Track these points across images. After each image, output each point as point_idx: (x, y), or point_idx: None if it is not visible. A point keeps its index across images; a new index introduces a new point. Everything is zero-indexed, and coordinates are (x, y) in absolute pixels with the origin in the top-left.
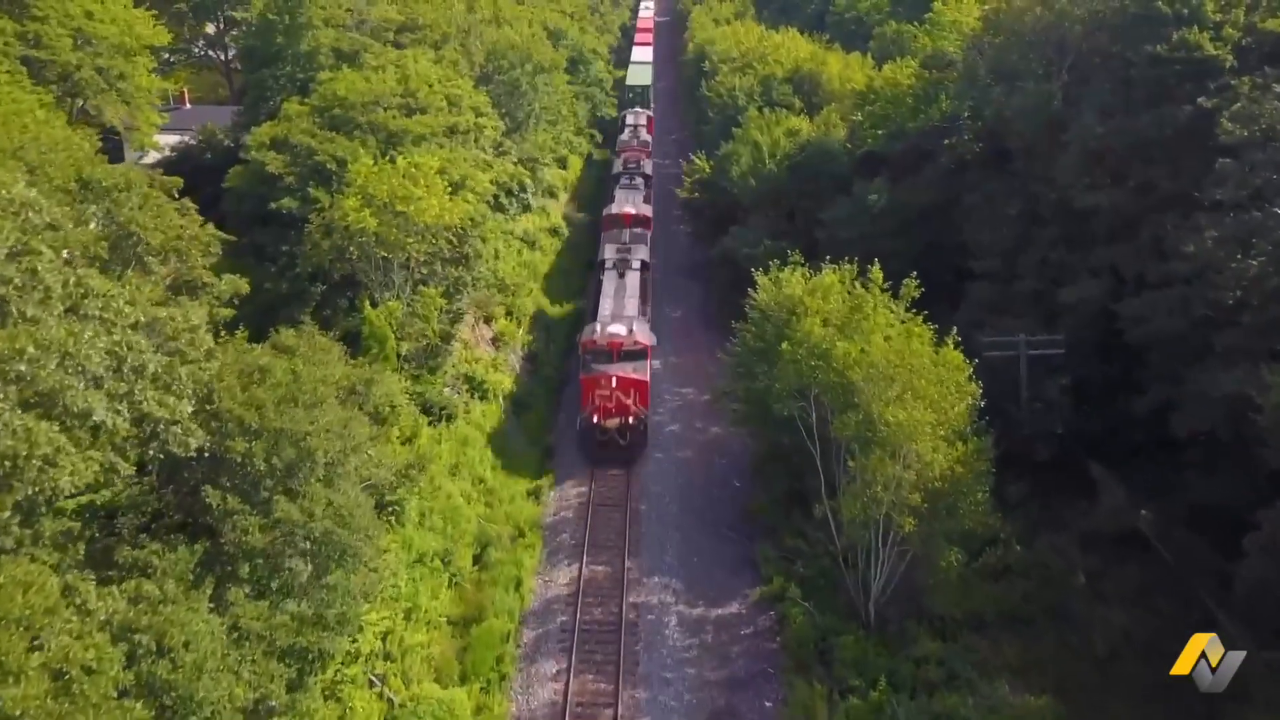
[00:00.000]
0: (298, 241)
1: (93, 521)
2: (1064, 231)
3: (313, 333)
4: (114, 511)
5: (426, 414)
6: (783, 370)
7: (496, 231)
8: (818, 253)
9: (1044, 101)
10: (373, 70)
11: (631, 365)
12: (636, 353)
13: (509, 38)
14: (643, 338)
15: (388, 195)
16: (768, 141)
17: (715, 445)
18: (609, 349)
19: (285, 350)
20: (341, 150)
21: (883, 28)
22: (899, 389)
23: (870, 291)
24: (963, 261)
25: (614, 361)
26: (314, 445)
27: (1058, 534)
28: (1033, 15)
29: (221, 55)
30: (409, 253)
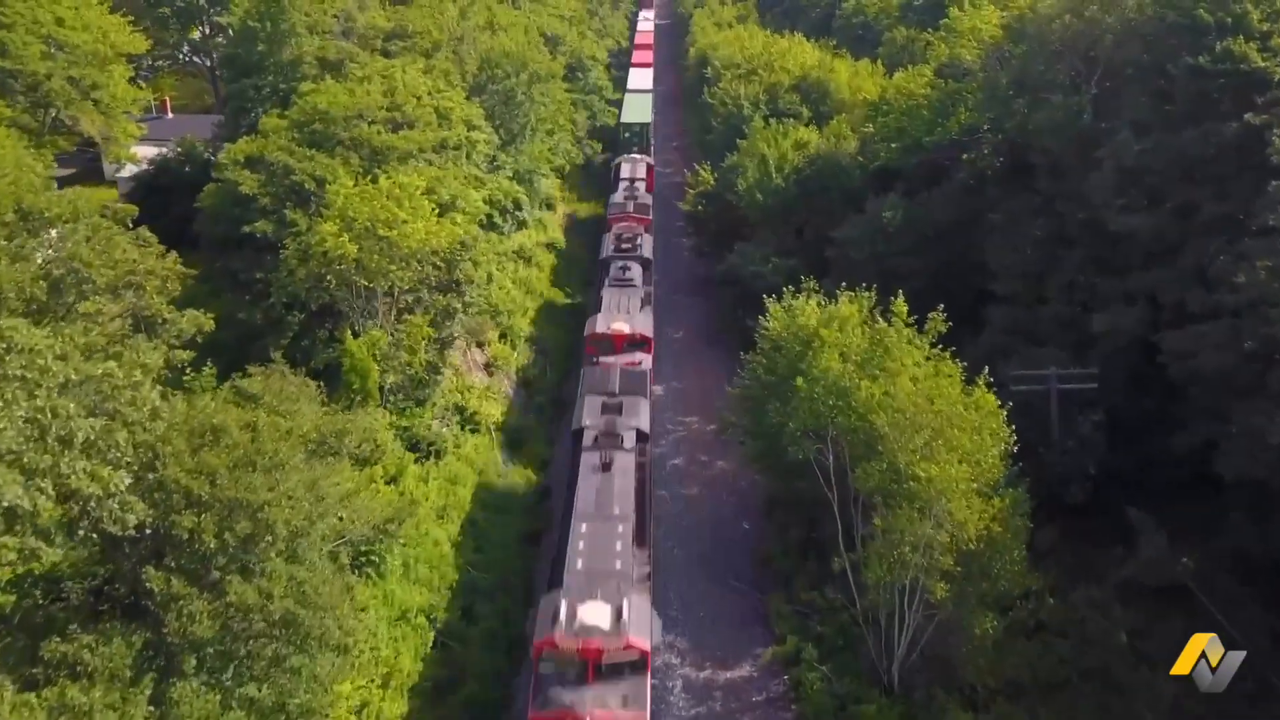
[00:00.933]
0: (273, 268)
1: (33, 589)
2: (1094, 253)
3: (283, 373)
4: (58, 578)
5: (413, 451)
6: (797, 408)
7: (489, 253)
8: (828, 272)
9: (1073, 115)
10: (357, 81)
11: None
12: None
13: (503, 45)
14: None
15: (369, 219)
16: (775, 154)
17: (722, 481)
18: None
19: (248, 399)
20: (321, 169)
21: (892, 33)
22: (927, 436)
23: (893, 326)
24: (983, 283)
25: None
26: (273, 516)
27: (1093, 585)
28: (1061, 23)
29: (207, 62)
30: (392, 281)
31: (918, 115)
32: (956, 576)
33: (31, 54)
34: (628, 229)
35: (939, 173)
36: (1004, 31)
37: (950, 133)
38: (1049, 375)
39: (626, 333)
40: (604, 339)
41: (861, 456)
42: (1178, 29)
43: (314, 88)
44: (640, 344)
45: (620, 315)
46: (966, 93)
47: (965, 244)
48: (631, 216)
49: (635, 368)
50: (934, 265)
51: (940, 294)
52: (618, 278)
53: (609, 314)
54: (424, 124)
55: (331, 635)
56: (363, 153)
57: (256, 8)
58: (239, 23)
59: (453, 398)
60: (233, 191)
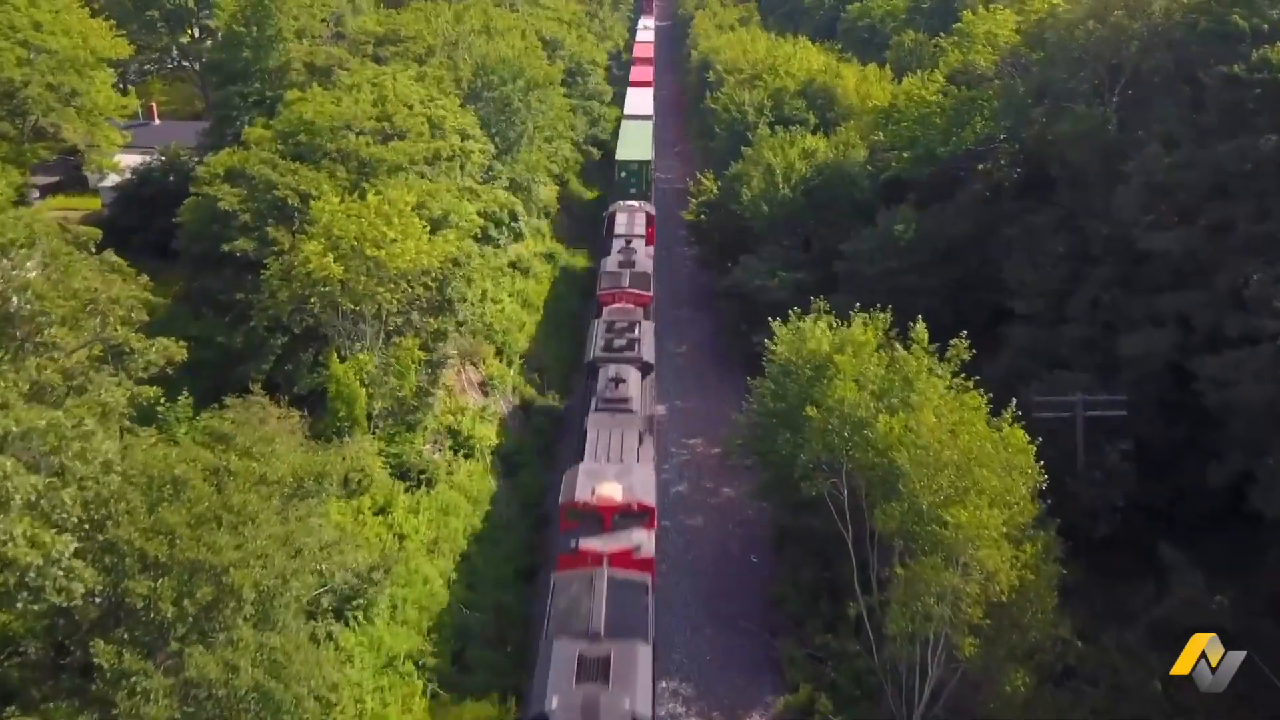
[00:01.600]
0: (254, 289)
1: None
2: (1119, 272)
3: (262, 404)
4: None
5: (403, 479)
6: (809, 440)
7: (484, 268)
8: (837, 287)
9: (1097, 125)
10: (345, 90)
11: None
12: None
13: (499, 51)
14: None
15: (356, 237)
16: (781, 164)
17: (729, 510)
18: None
19: (220, 439)
20: (305, 183)
21: (900, 37)
22: (953, 476)
23: (913, 354)
24: (1000, 300)
25: None
26: (240, 580)
27: (1124, 627)
28: (1084, 30)
29: (196, 66)
30: (380, 304)
31: (930, 124)
32: (986, 630)
33: (7, 60)
34: (622, 315)
35: (952, 184)
36: (1022, 37)
37: (965, 143)
38: (1075, 401)
39: (618, 502)
40: (586, 512)
41: (880, 495)
42: (1210, 36)
43: (300, 96)
44: (638, 516)
45: (610, 469)
46: (982, 101)
47: (980, 259)
48: (627, 294)
49: (631, 576)
50: (948, 281)
51: (954, 311)
52: (609, 399)
53: (594, 467)
54: (415, 134)
55: (307, 707)
56: (350, 165)
57: (242, 12)
58: (224, 28)
59: (445, 420)
60: (211, 207)
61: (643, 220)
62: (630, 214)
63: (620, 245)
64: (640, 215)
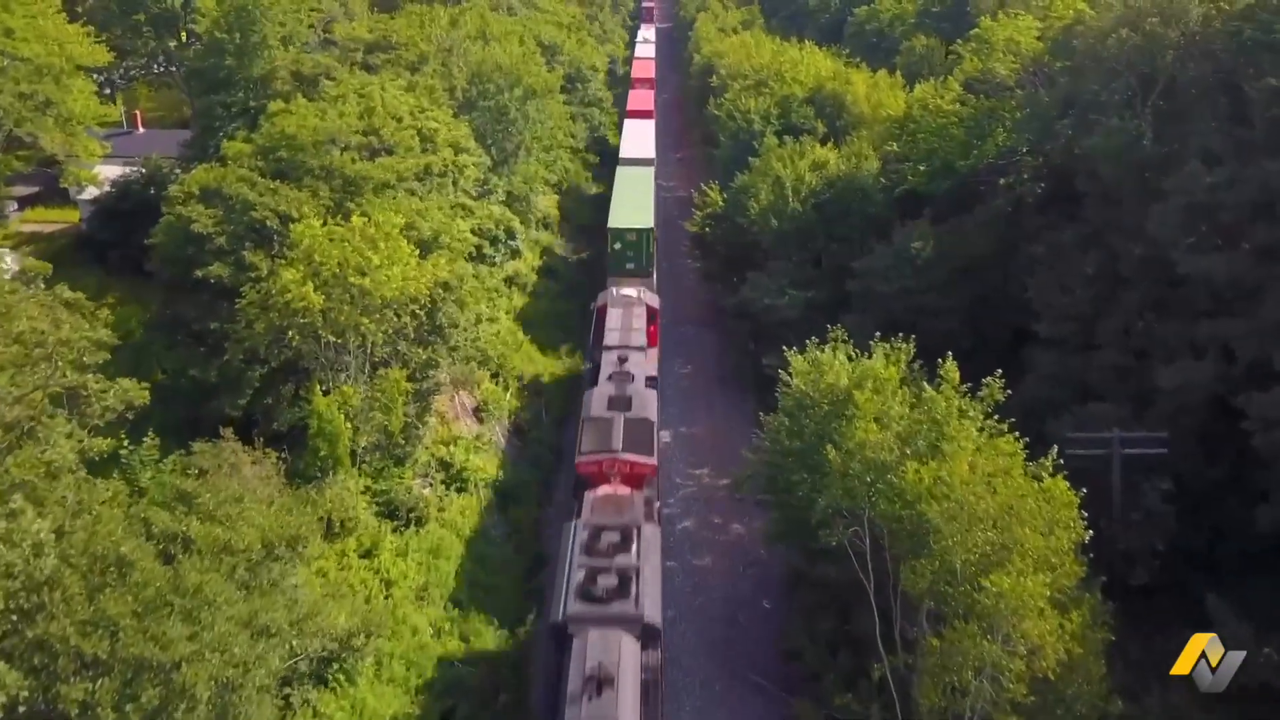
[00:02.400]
0: (230, 318)
1: None
2: (1153, 295)
3: (235, 450)
4: None
5: (390, 518)
6: (828, 484)
7: (478, 290)
8: (850, 306)
9: (1131, 139)
10: (330, 101)
11: None
12: None
13: (495, 58)
14: None
15: (338, 264)
16: (791, 176)
17: (739, 549)
18: None
19: (182, 499)
20: (285, 204)
21: (911, 42)
22: (990, 532)
23: (942, 393)
24: (1022, 322)
25: None
26: (191, 678)
27: (1167, 686)
28: (1117, 38)
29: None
30: (365, 336)
31: (948, 135)
32: (1030, 708)
33: None
34: (610, 509)
35: (971, 198)
36: (1046, 45)
37: (986, 156)
38: (1112, 439)
39: None
40: None
41: (908, 549)
42: (1256, 46)
43: (283, 108)
44: None
45: None
46: (1003, 111)
47: (1002, 277)
48: (618, 461)
49: None
50: (967, 301)
51: (974, 332)
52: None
53: None
54: (405, 149)
55: None
56: (334, 184)
57: (225, 18)
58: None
59: (437, 451)
60: (185, 229)
61: (642, 318)
62: (626, 309)
63: (612, 364)
64: (639, 311)
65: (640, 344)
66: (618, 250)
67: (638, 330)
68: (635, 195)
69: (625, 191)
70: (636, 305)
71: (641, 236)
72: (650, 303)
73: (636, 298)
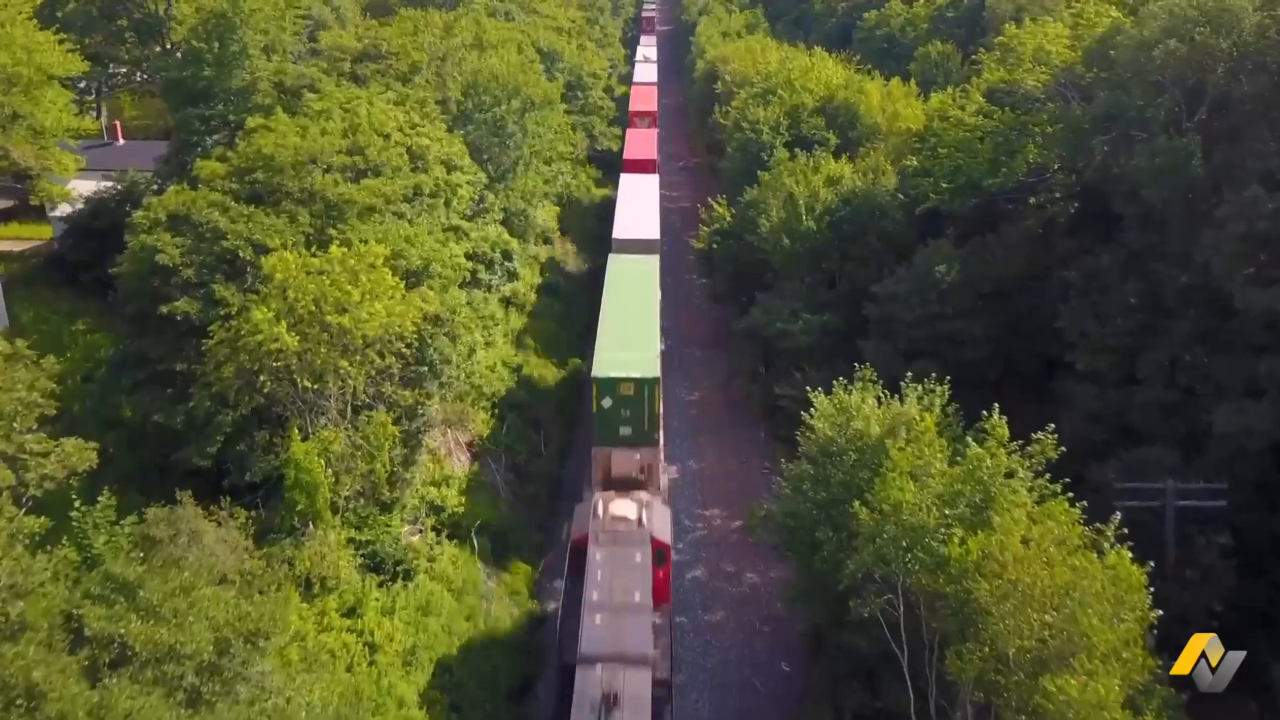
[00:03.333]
0: (197, 358)
1: None
2: (1202, 327)
3: (195, 516)
4: None
5: (376, 572)
6: (859, 547)
7: (472, 321)
8: (867, 332)
9: (1181, 160)
10: (313, 117)
11: None
12: None
13: (492, 67)
14: None
15: (316, 298)
16: (804, 192)
17: (754, 603)
18: None
19: (124, 590)
20: (261, 232)
21: (926, 48)
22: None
23: (988, 450)
24: (1054, 351)
25: None
26: None
27: None
28: (1164, 49)
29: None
30: (345, 380)
31: (974, 150)
32: None
33: None
34: None
35: (997, 217)
36: (1081, 55)
37: (1017, 173)
38: (1165, 489)
39: None
40: None
41: (952, 629)
42: None
43: (262, 123)
44: None
45: None
46: (1033, 126)
47: (1032, 304)
48: None
49: None
50: (995, 328)
51: (1002, 361)
52: None
53: None
54: (393, 169)
55: None
56: (315, 208)
57: (203, 26)
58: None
59: (427, 493)
60: (150, 259)
61: (644, 569)
62: (612, 548)
63: (590, 702)
64: (638, 555)
65: (641, 594)
66: (607, 410)
67: (638, 582)
68: (633, 309)
69: (620, 300)
70: (635, 544)
71: (641, 390)
72: (658, 527)
73: (634, 519)
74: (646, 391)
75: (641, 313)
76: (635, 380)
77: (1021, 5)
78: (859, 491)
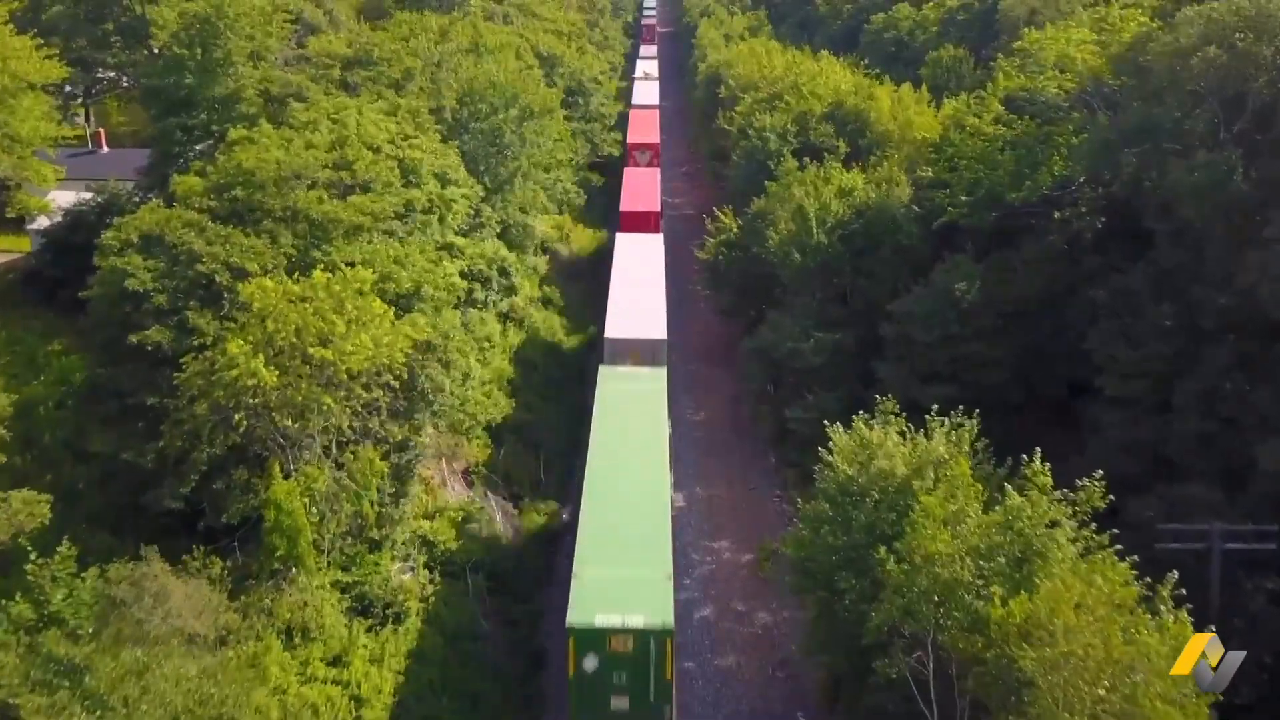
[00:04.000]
0: (169, 391)
1: None
2: (1243, 353)
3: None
4: None
5: (364, 616)
6: (885, 599)
7: (468, 344)
8: (882, 351)
9: (1223, 175)
10: (298, 129)
11: None
12: None
13: (489, 74)
14: None
15: (296, 327)
16: (815, 205)
17: (767, 644)
18: None
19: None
20: (239, 255)
21: (937, 52)
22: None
23: (1031, 500)
24: (1080, 375)
25: None
26: None
27: None
28: (1203, 58)
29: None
30: (328, 418)
31: (994, 162)
32: None
33: None
34: None
35: (1018, 231)
36: (1107, 62)
37: (1042, 187)
38: (1210, 532)
39: None
40: None
41: (994, 699)
42: None
43: (245, 134)
44: None
45: None
46: (1058, 137)
47: (1056, 324)
48: None
49: None
50: (1017, 350)
51: (1025, 385)
52: None
53: None
54: (383, 184)
55: None
56: (298, 228)
57: (185, 31)
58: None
59: (419, 527)
60: (120, 283)
61: None
62: None
63: None
64: None
65: None
66: (592, 676)
67: None
68: (631, 478)
69: (611, 461)
70: None
71: (646, 648)
72: None
73: None
74: (650, 652)
75: (651, 520)
76: (635, 632)
77: (1035, 8)
78: (883, 536)
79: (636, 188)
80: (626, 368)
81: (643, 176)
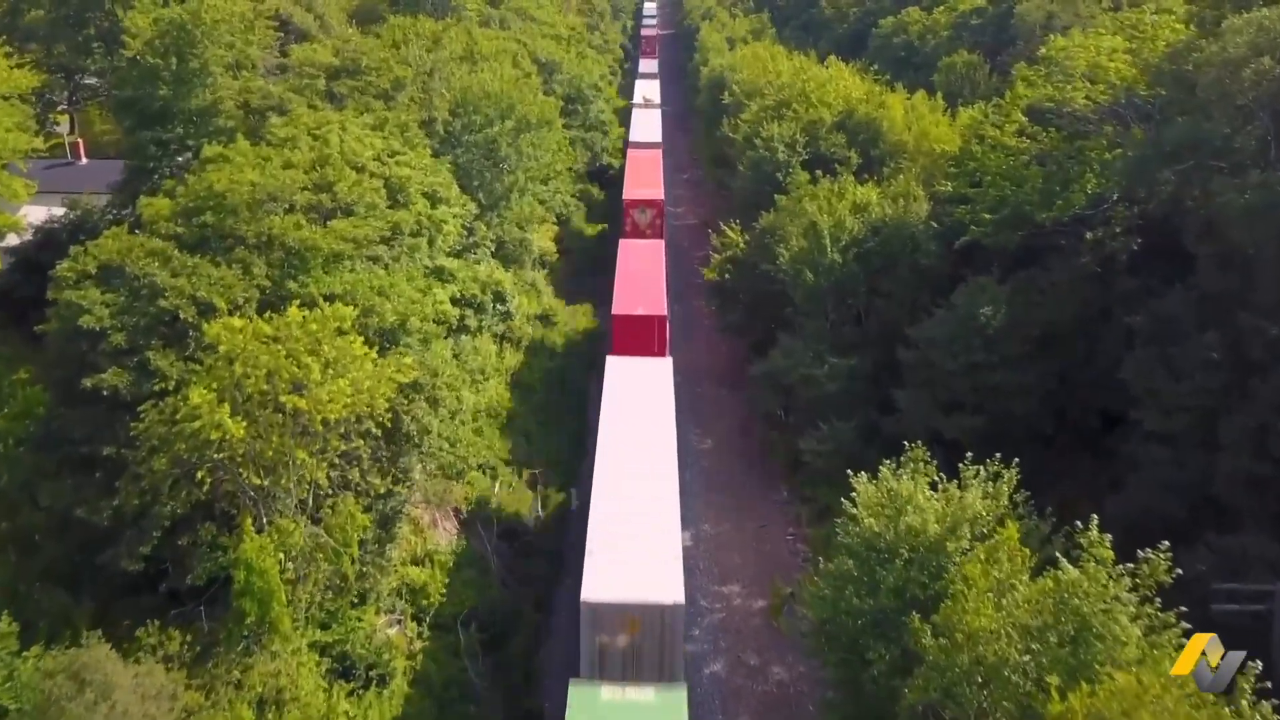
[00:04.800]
0: (127, 441)
1: None
2: None
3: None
4: None
5: (345, 679)
6: (921, 676)
7: (459, 379)
8: (900, 378)
9: (1277, 198)
10: (277, 146)
11: None
12: None
13: (484, 83)
14: None
15: (266, 377)
16: (829, 223)
17: (784, 705)
18: None
19: None
20: (205, 287)
21: (951, 58)
22: None
23: (1087, 572)
24: (1115, 405)
25: None
26: None
27: None
28: (1255, 69)
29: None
30: (302, 471)
31: (1021, 178)
32: None
33: None
34: None
35: (1046, 251)
36: (1142, 72)
37: (1075, 205)
38: (1275, 594)
39: None
40: None
41: None
42: None
43: (220, 152)
44: None
45: None
46: (1091, 152)
47: (1088, 351)
48: None
49: None
50: (1047, 378)
51: (1055, 414)
52: None
53: None
54: (367, 207)
55: None
56: (273, 256)
57: (160, 39)
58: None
59: (406, 574)
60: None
61: None
62: None
63: None
64: None
65: None
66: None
67: None
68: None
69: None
70: None
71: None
72: None
73: None
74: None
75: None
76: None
77: (1053, 13)
78: (915, 600)
79: (635, 272)
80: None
81: (642, 253)
